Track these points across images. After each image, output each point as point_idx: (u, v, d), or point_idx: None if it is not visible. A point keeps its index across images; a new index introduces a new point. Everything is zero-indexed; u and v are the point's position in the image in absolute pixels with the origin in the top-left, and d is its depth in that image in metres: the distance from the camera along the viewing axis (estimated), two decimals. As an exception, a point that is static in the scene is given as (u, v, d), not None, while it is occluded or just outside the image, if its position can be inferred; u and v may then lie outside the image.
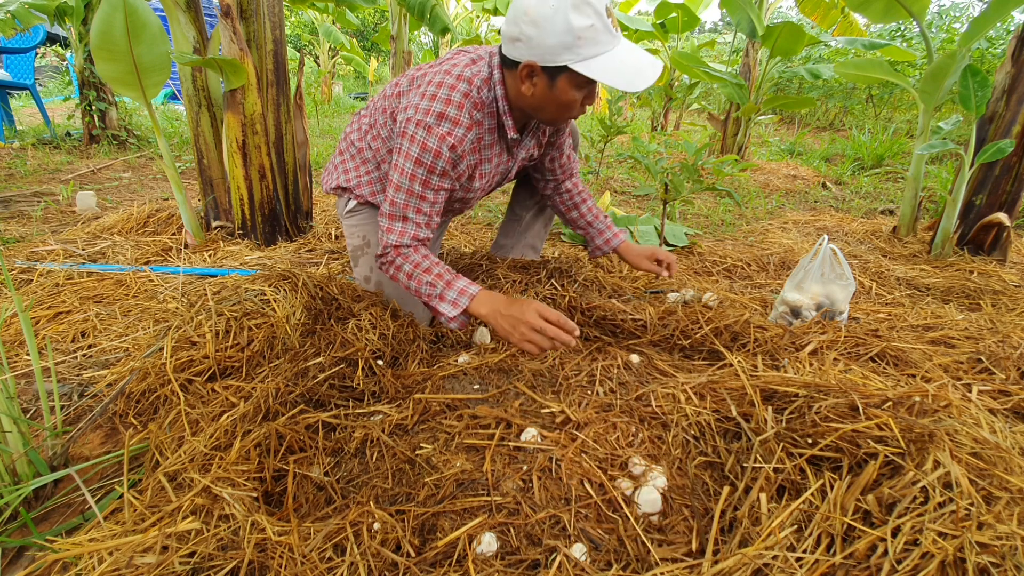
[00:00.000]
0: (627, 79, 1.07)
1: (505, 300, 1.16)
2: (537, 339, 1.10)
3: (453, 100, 1.18)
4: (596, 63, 1.08)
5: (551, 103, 1.17)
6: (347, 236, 1.57)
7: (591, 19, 1.04)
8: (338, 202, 1.62)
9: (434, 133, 1.17)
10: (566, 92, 1.14)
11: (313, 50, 12.72)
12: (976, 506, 0.73)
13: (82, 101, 4.08)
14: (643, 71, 1.09)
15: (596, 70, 1.07)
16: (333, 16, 6.72)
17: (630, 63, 1.09)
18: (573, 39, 1.05)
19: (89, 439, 1.10)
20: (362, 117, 1.51)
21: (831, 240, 2.45)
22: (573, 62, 1.08)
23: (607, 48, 1.08)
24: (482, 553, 0.78)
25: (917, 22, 2.32)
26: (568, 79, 1.12)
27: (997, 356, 1.34)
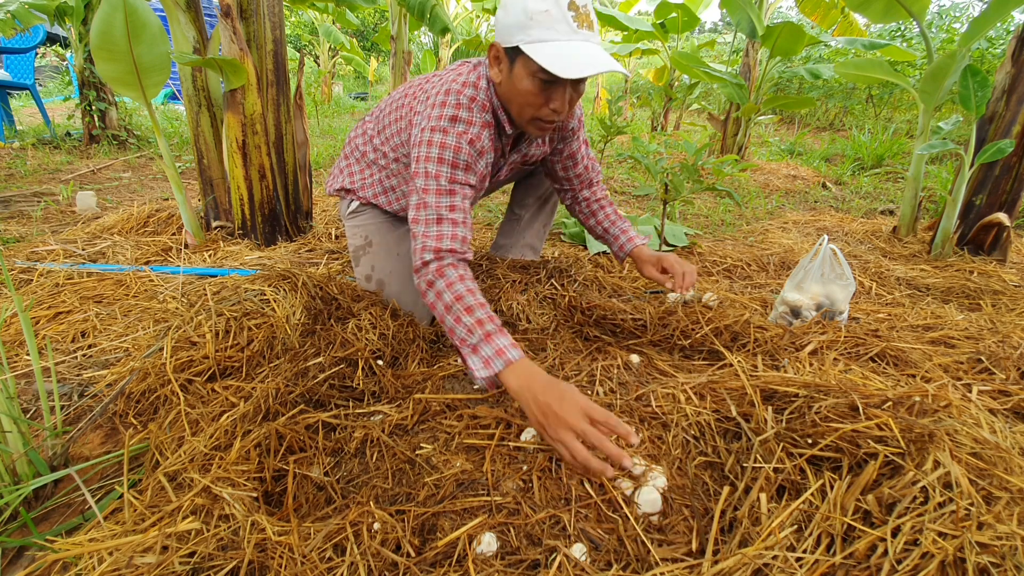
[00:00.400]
0: (563, 65, 1.04)
1: (545, 381, 0.95)
2: (574, 446, 0.86)
3: (463, 104, 1.20)
4: (543, 47, 1.05)
5: (514, 94, 1.17)
6: (349, 236, 1.58)
7: (548, 5, 1.04)
8: (340, 204, 1.64)
9: (451, 133, 1.18)
10: (521, 79, 1.12)
11: (313, 50, 12.72)
12: (976, 506, 0.73)
13: (82, 101, 4.08)
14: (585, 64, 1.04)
15: (539, 53, 1.05)
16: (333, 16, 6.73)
17: (577, 55, 1.05)
18: (527, 19, 1.05)
19: (89, 439, 1.10)
20: (367, 123, 1.53)
21: (831, 240, 2.45)
22: (523, 43, 1.06)
23: (560, 37, 1.05)
24: (482, 553, 0.78)
25: (917, 22, 2.32)
26: (523, 64, 1.10)
27: (997, 356, 1.34)
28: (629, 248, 1.57)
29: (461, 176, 1.20)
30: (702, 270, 2.14)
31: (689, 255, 2.28)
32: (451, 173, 1.18)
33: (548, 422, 0.90)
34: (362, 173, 1.52)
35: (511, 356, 1.00)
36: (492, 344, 1.01)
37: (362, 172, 1.52)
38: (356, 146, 1.53)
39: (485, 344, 1.02)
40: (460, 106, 1.20)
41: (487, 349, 1.01)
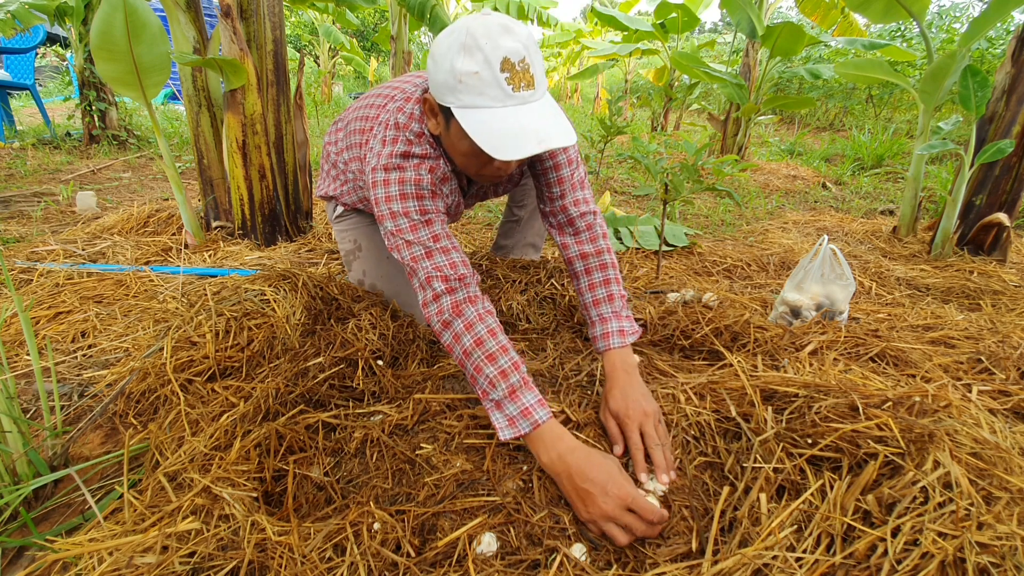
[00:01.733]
0: (496, 145, 0.90)
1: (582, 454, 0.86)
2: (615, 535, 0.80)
3: (412, 140, 1.12)
4: (475, 115, 0.93)
5: (454, 151, 1.07)
6: (339, 241, 1.58)
7: (477, 67, 0.90)
8: (327, 207, 1.63)
9: (407, 168, 1.09)
10: (459, 139, 1.00)
11: (313, 50, 12.72)
12: (976, 506, 0.73)
13: (82, 101, 4.08)
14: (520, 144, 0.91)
15: (470, 122, 0.92)
16: (333, 16, 6.73)
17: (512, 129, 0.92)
18: (455, 81, 0.92)
19: (89, 439, 1.10)
20: (337, 131, 1.45)
21: (831, 240, 2.45)
22: (454, 106, 0.94)
23: (493, 104, 0.92)
24: (482, 553, 0.78)
25: (917, 22, 2.32)
26: (457, 127, 0.97)
27: (997, 356, 1.34)
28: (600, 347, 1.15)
29: (430, 205, 1.09)
30: (702, 270, 2.14)
31: (689, 255, 2.28)
32: (419, 204, 1.08)
33: (588, 509, 0.83)
34: (338, 180, 1.49)
35: (538, 417, 0.91)
36: (517, 402, 0.92)
37: (338, 179, 1.49)
38: (330, 153, 1.48)
39: (509, 402, 0.93)
40: (411, 142, 1.11)
41: (511, 407, 0.92)
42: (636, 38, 5.16)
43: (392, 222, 1.08)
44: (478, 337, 0.98)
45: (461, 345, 0.99)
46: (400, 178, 1.08)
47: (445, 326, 1.02)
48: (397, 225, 1.07)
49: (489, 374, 0.95)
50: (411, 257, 1.07)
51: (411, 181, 1.08)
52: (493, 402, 0.95)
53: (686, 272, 2.09)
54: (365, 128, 1.26)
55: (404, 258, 1.08)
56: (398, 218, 1.07)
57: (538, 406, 0.92)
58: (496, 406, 0.95)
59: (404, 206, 1.07)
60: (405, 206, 1.07)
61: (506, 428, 0.93)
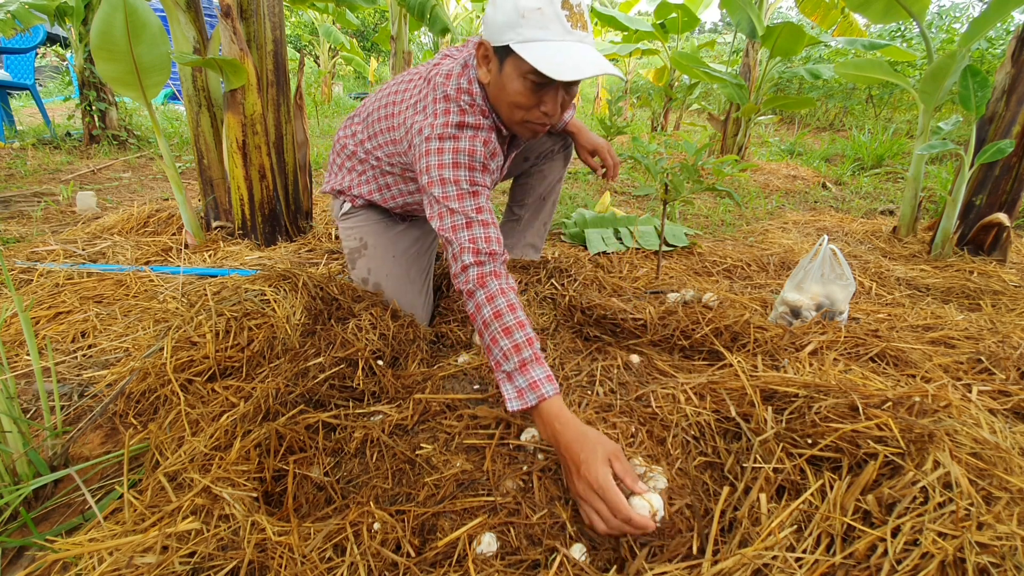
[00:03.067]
0: (556, 66, 0.99)
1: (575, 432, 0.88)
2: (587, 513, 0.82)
3: (465, 109, 1.16)
4: (534, 47, 1.00)
5: (503, 96, 1.12)
6: (344, 239, 1.56)
7: (540, 3, 1.00)
8: (333, 205, 1.62)
9: (462, 139, 1.14)
10: (512, 80, 1.08)
11: (313, 50, 12.72)
12: (976, 506, 0.73)
13: (82, 101, 4.07)
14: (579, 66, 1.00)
15: (530, 52, 1.00)
16: (333, 16, 6.73)
17: (571, 57, 1.00)
18: (517, 17, 1.00)
19: (89, 439, 1.10)
20: (355, 124, 1.47)
21: (831, 240, 2.45)
22: (514, 42, 1.02)
23: (553, 37, 1.01)
24: (482, 553, 0.78)
25: (917, 22, 2.32)
26: (513, 64, 1.06)
27: (997, 356, 1.34)
28: (560, 126, 1.61)
29: (479, 178, 1.14)
30: (702, 270, 2.14)
31: (689, 255, 2.28)
32: (469, 175, 1.13)
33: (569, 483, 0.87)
34: (355, 171, 1.50)
35: (545, 391, 0.94)
36: (527, 375, 0.96)
37: (354, 170, 1.50)
38: (345, 146, 1.50)
39: (519, 374, 0.96)
40: (464, 112, 1.16)
41: (521, 380, 0.96)
42: (636, 38, 5.16)
43: (440, 188, 1.11)
44: (497, 310, 1.01)
45: (481, 316, 1.03)
46: (455, 147, 1.12)
47: (469, 296, 1.06)
48: (445, 192, 1.11)
49: (504, 346, 0.98)
50: (451, 226, 1.10)
51: (465, 151, 1.13)
52: (505, 373, 0.98)
53: (686, 272, 2.09)
54: (393, 113, 1.31)
55: (444, 226, 1.11)
56: (447, 185, 1.11)
57: (546, 381, 0.95)
58: (507, 377, 0.98)
59: (455, 174, 1.11)
60: (456, 174, 1.11)
61: (515, 399, 0.96)
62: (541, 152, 1.69)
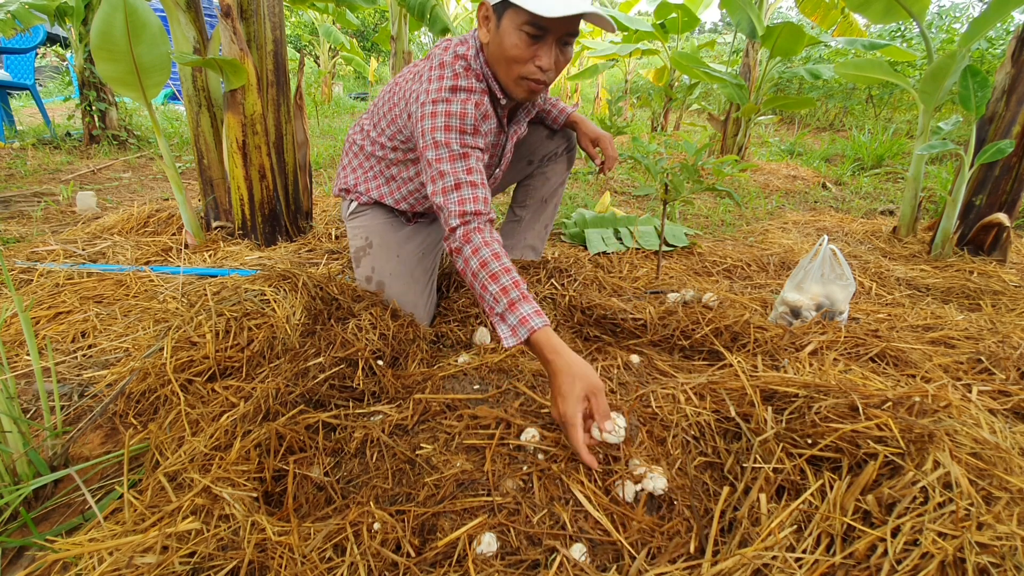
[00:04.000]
0: (545, 6, 1.06)
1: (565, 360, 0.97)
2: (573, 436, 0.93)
3: (459, 73, 1.23)
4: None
5: (501, 52, 1.19)
6: (350, 238, 1.59)
7: None
8: (342, 205, 1.65)
9: (454, 102, 1.20)
10: (508, 34, 1.15)
11: (313, 50, 12.72)
12: (976, 506, 0.73)
13: (82, 101, 4.07)
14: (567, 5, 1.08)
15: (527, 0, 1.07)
16: (333, 16, 6.73)
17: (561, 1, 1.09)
18: None
19: (89, 439, 1.10)
20: (363, 119, 1.55)
21: (831, 240, 2.45)
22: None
23: None
24: (482, 553, 0.78)
25: (917, 23, 2.32)
26: (509, 19, 1.14)
27: (997, 356, 1.34)
28: (563, 119, 1.66)
29: (470, 140, 1.20)
30: (702, 270, 2.14)
31: (689, 255, 2.28)
32: (460, 138, 1.19)
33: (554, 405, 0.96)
34: (361, 168, 1.54)
35: (534, 324, 1.01)
36: (516, 313, 1.03)
37: (361, 167, 1.54)
38: (354, 142, 1.55)
39: (510, 313, 1.04)
40: (457, 76, 1.22)
41: (512, 318, 1.03)
42: (636, 38, 5.16)
43: (434, 151, 1.18)
44: (483, 260, 1.09)
45: (470, 268, 1.11)
46: (447, 111, 1.19)
47: (457, 252, 1.14)
48: (438, 155, 1.18)
49: (493, 291, 1.06)
50: (442, 188, 1.16)
51: (457, 114, 1.19)
52: (498, 315, 1.06)
53: (686, 272, 2.09)
54: (395, 92, 1.38)
55: (436, 189, 1.17)
56: (440, 148, 1.18)
57: (535, 316, 1.03)
58: (500, 318, 1.06)
59: (447, 137, 1.18)
60: (448, 137, 1.18)
61: (509, 337, 1.04)
62: (545, 154, 1.70)
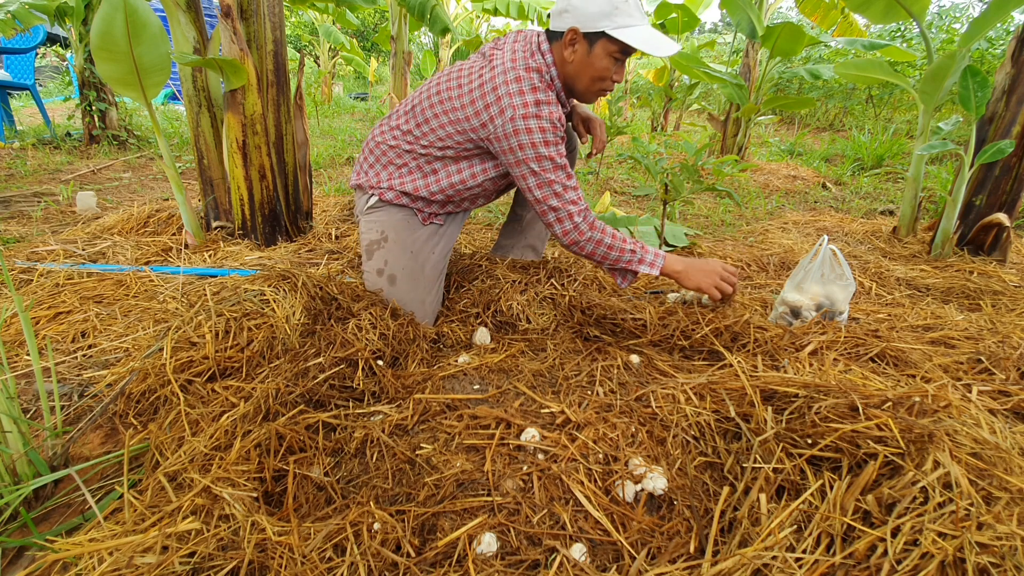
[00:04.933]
0: (654, 46, 1.27)
1: (689, 261, 1.46)
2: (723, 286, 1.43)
3: (539, 87, 1.32)
4: (630, 32, 1.28)
5: (587, 70, 1.36)
6: (364, 232, 1.55)
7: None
8: (357, 200, 1.61)
9: (543, 116, 1.31)
10: (601, 59, 1.33)
11: (313, 50, 12.72)
12: (976, 506, 0.73)
13: (82, 101, 4.08)
14: (665, 44, 1.30)
15: (630, 36, 1.28)
16: (333, 16, 6.72)
17: (655, 37, 1.30)
18: (611, 8, 1.27)
19: (89, 439, 1.10)
20: (397, 118, 1.50)
21: (831, 240, 2.45)
22: (610, 28, 1.28)
23: (638, 23, 1.30)
24: (482, 553, 0.78)
25: (917, 23, 2.32)
26: (603, 46, 1.31)
27: (997, 356, 1.34)
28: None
29: (563, 150, 1.36)
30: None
31: (689, 255, 2.28)
32: (558, 150, 1.34)
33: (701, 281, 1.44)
34: (393, 165, 1.50)
35: (663, 253, 1.47)
36: (650, 252, 1.46)
37: (393, 164, 1.50)
38: (382, 142, 1.51)
39: (646, 254, 1.45)
40: (536, 89, 1.32)
41: (649, 256, 1.45)
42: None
43: (538, 164, 1.34)
44: (612, 233, 1.43)
45: (604, 242, 1.42)
46: (541, 126, 1.31)
47: (589, 230, 1.41)
48: (543, 166, 1.34)
49: (629, 247, 1.44)
50: (553, 193, 1.36)
51: (550, 129, 1.32)
52: (638, 259, 1.45)
53: (686, 272, 2.09)
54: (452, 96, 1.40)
55: (546, 194, 1.37)
56: (543, 160, 1.33)
57: (660, 251, 1.48)
58: (640, 261, 1.45)
59: (549, 151, 1.33)
60: (550, 151, 1.33)
61: (652, 270, 1.45)
62: None
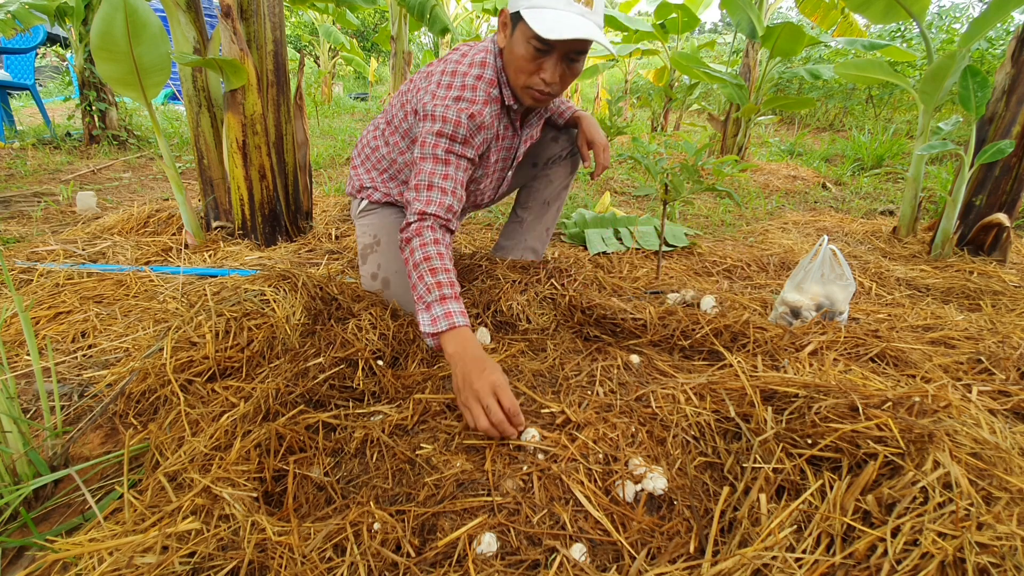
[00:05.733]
0: (547, 27, 1.11)
1: (474, 355, 1.03)
2: (477, 415, 0.96)
3: (467, 84, 1.27)
4: (539, 13, 1.13)
5: (511, 59, 1.25)
6: (359, 235, 1.61)
7: None
8: (352, 205, 1.67)
9: (452, 109, 1.25)
10: (518, 44, 1.21)
11: (313, 50, 12.72)
12: (976, 506, 0.73)
13: (82, 101, 4.08)
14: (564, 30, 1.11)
15: (532, 16, 1.13)
16: (333, 16, 6.72)
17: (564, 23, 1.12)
18: None
19: (89, 439, 1.10)
20: (378, 119, 1.58)
21: (831, 240, 2.45)
22: (523, 8, 1.15)
23: (557, 7, 1.14)
24: (482, 553, 0.78)
25: (917, 23, 2.32)
26: (520, 30, 1.19)
27: (997, 356, 1.34)
28: (568, 115, 1.66)
29: (458, 148, 1.27)
30: (702, 271, 2.14)
31: (689, 255, 2.28)
32: (448, 144, 1.25)
33: (463, 388, 1.00)
34: (376, 169, 1.57)
35: (456, 321, 1.09)
36: (444, 306, 1.11)
37: (376, 168, 1.57)
38: (367, 142, 1.58)
39: (438, 305, 1.11)
40: (464, 87, 1.27)
41: (438, 309, 1.11)
42: (636, 38, 5.16)
43: (420, 150, 1.26)
44: (427, 254, 1.17)
45: (413, 258, 1.18)
46: (444, 116, 1.24)
47: (407, 242, 1.21)
48: (423, 153, 1.26)
49: (428, 282, 1.13)
50: (415, 185, 1.25)
51: (452, 121, 1.24)
52: (425, 304, 1.13)
53: (686, 272, 2.09)
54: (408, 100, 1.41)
55: (411, 184, 1.26)
56: (426, 147, 1.26)
57: (460, 314, 1.10)
58: (426, 308, 1.13)
59: (436, 140, 1.25)
60: (437, 140, 1.25)
61: (428, 326, 1.11)
62: (549, 157, 1.71)
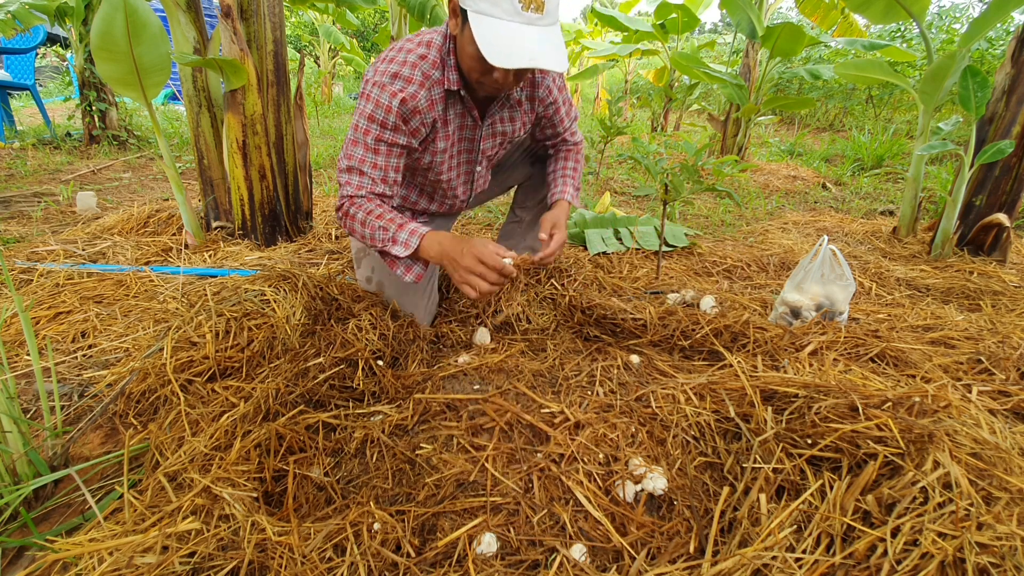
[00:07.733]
0: (493, 50, 1.02)
1: (450, 242, 1.15)
2: (475, 283, 1.11)
3: (408, 61, 1.22)
4: (483, 21, 1.04)
5: (462, 54, 1.17)
6: (352, 240, 1.60)
7: None
8: None
9: (387, 90, 1.20)
10: (468, 43, 1.11)
11: (313, 50, 12.71)
12: (976, 506, 0.73)
13: (82, 101, 4.08)
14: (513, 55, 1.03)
15: (478, 26, 1.04)
16: (333, 16, 6.72)
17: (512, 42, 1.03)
18: None
19: (89, 439, 1.10)
20: None
21: (831, 241, 2.45)
22: (470, 9, 1.06)
23: (502, 16, 1.04)
24: (482, 553, 0.78)
25: (917, 23, 2.32)
26: (469, 29, 1.08)
27: (997, 357, 1.34)
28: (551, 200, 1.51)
29: (388, 136, 1.23)
30: (702, 271, 2.14)
31: (689, 256, 2.28)
32: (379, 132, 1.22)
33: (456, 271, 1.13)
34: None
35: (421, 231, 1.16)
36: (405, 229, 1.17)
37: None
38: None
39: (400, 232, 1.17)
40: (404, 63, 1.22)
41: (402, 235, 1.17)
42: (636, 39, 5.16)
43: (352, 132, 1.25)
44: (369, 210, 1.22)
45: (357, 219, 1.22)
46: (377, 99, 1.21)
47: (345, 215, 1.24)
48: (354, 136, 1.25)
49: (381, 224, 1.19)
50: (346, 166, 1.25)
51: (384, 107, 1.20)
52: (390, 240, 1.18)
53: (686, 272, 2.09)
54: None
55: (339, 167, 1.27)
56: (356, 131, 1.24)
57: (421, 227, 1.18)
58: (392, 242, 1.18)
59: (367, 125, 1.23)
60: (368, 126, 1.22)
61: (403, 250, 1.16)
62: (547, 156, 1.70)
